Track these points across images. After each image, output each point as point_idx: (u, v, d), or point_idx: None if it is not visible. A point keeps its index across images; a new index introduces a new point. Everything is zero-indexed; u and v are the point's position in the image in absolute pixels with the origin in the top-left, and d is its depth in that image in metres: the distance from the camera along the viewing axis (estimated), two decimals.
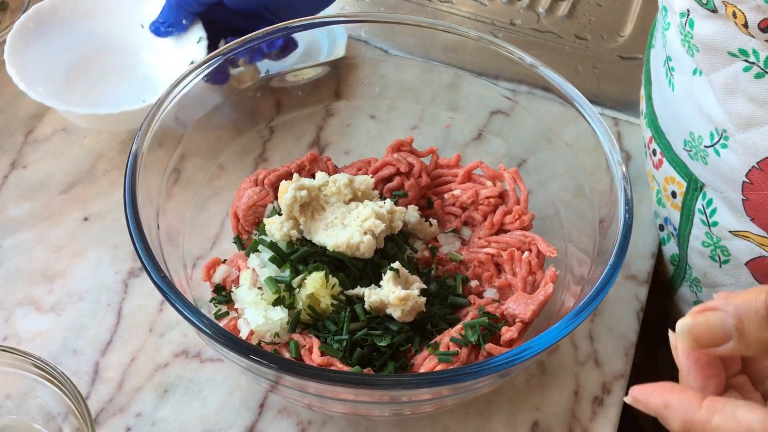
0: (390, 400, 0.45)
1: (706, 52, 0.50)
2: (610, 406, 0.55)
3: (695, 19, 0.50)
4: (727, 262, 0.57)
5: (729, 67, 0.49)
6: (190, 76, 0.55)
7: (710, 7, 0.48)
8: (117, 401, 0.54)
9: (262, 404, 0.54)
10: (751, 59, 0.47)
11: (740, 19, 0.46)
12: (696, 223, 0.58)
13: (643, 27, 0.85)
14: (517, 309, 0.50)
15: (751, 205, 0.53)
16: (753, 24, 0.46)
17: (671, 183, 0.60)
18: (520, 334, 0.49)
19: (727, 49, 0.48)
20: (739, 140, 0.50)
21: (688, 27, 0.51)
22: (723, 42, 0.48)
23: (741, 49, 0.47)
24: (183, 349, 0.56)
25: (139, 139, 0.50)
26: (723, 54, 0.49)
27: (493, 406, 0.54)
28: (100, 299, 0.59)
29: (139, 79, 0.71)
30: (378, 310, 0.49)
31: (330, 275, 0.49)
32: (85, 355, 0.56)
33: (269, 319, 0.48)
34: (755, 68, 0.47)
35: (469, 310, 0.52)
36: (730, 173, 0.52)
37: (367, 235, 0.50)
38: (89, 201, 0.65)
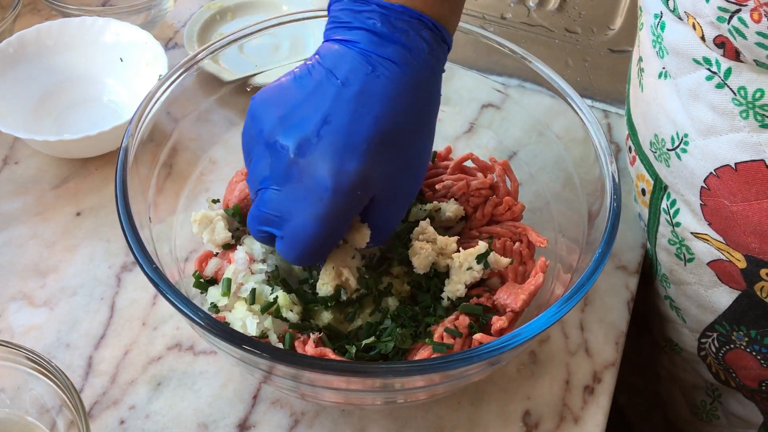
0: (382, 388, 0.45)
1: (674, 55, 0.50)
2: (600, 395, 0.56)
3: (666, 22, 0.51)
4: (692, 260, 0.58)
5: (694, 73, 0.49)
6: (180, 70, 0.55)
7: (677, 14, 0.49)
8: (110, 394, 0.54)
9: (256, 396, 0.54)
10: (714, 69, 0.47)
11: (699, 31, 0.47)
12: (662, 222, 0.59)
13: (633, 20, 0.85)
14: (507, 299, 0.50)
15: (708, 210, 0.53)
16: (709, 39, 0.46)
17: (642, 180, 0.61)
18: (511, 323, 0.50)
19: (692, 55, 0.49)
20: (699, 146, 0.51)
21: (660, 29, 0.52)
22: (689, 48, 0.49)
23: (705, 57, 0.48)
24: (176, 342, 0.57)
25: (129, 134, 0.51)
26: (689, 60, 0.49)
27: (485, 396, 0.55)
28: (93, 293, 0.59)
29: (105, 106, 0.71)
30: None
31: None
32: (79, 348, 0.56)
33: (263, 326, 0.48)
34: (716, 78, 0.47)
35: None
36: (690, 177, 0.53)
37: None
38: (82, 196, 0.65)
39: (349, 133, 0.44)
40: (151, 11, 0.77)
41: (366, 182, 0.44)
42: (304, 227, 0.45)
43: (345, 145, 0.44)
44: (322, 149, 0.44)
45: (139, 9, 0.76)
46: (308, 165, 0.44)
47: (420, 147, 0.48)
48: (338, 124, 0.44)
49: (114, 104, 0.71)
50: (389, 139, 0.44)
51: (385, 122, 0.44)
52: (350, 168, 0.44)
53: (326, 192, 0.44)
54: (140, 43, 0.70)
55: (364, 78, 0.44)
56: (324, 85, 0.45)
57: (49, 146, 0.64)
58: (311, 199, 0.44)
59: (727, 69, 0.46)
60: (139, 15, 0.77)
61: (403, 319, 0.50)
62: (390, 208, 0.48)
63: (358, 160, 0.44)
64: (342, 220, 0.46)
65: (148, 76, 0.69)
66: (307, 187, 0.44)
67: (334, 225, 0.46)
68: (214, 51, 0.58)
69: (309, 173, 0.44)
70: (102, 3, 0.83)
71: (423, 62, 0.45)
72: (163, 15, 0.79)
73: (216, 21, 0.79)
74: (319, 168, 0.44)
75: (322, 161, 0.44)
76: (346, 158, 0.44)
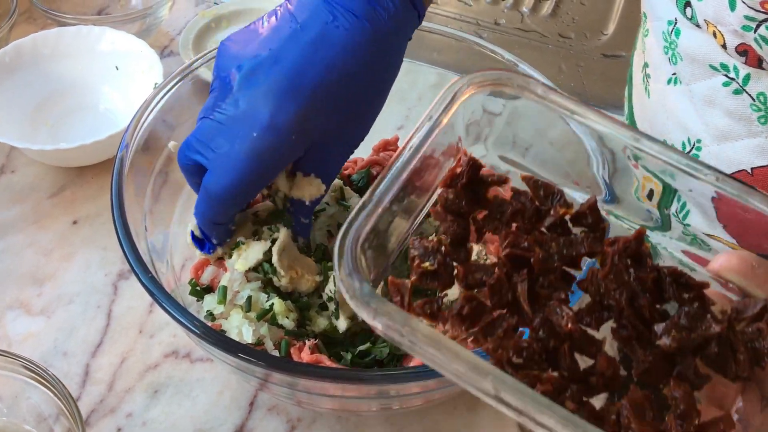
0: (378, 395, 0.45)
1: (689, 62, 0.51)
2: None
3: (682, 29, 0.51)
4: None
5: (709, 79, 0.49)
6: (176, 79, 0.56)
7: (694, 22, 0.49)
8: (107, 402, 0.54)
9: (252, 402, 0.54)
10: (731, 75, 0.48)
11: (720, 39, 0.47)
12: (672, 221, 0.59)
13: (626, 25, 0.86)
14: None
15: (722, 214, 0.53)
16: (731, 46, 0.46)
17: (649, 182, 0.61)
18: None
19: (709, 62, 0.49)
20: (713, 151, 0.51)
21: (674, 35, 0.52)
22: (706, 55, 0.49)
23: (723, 63, 0.48)
24: (173, 349, 0.57)
25: (125, 143, 0.51)
26: (705, 66, 0.49)
27: (481, 401, 0.55)
28: (89, 301, 0.59)
29: (100, 114, 0.72)
30: None
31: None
32: (76, 356, 0.56)
33: (259, 334, 0.48)
34: (734, 84, 0.48)
35: None
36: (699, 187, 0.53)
37: None
38: (78, 204, 0.66)
39: (296, 75, 0.44)
40: (146, 20, 0.78)
41: (303, 127, 0.44)
42: (233, 160, 0.45)
43: (290, 86, 0.44)
44: (267, 86, 0.44)
45: (134, 17, 0.77)
46: (249, 99, 0.44)
47: (368, 105, 0.47)
48: (287, 65, 0.44)
49: (110, 112, 0.72)
50: (336, 89, 0.44)
51: (336, 72, 0.44)
52: (290, 109, 0.44)
53: (261, 129, 0.44)
54: (136, 52, 0.71)
55: (322, 26, 0.44)
56: (283, 26, 0.45)
57: (45, 155, 0.64)
58: (245, 134, 0.44)
59: (746, 75, 0.47)
60: (134, 23, 0.77)
61: None
62: (327, 158, 0.48)
63: (300, 104, 0.44)
64: (272, 161, 0.45)
65: (143, 85, 0.69)
66: (243, 121, 0.44)
67: (262, 164, 0.45)
68: (210, 59, 0.58)
69: (248, 108, 0.44)
70: (98, 12, 0.83)
71: (386, 21, 0.45)
72: (159, 23, 0.80)
73: (211, 29, 0.79)
74: (259, 104, 0.44)
75: (263, 98, 0.44)
76: (287, 99, 0.44)
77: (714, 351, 0.34)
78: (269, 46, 0.45)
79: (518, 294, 0.35)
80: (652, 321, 0.35)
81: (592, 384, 0.34)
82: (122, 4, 0.84)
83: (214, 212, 0.48)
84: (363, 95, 0.47)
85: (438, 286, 0.37)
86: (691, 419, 0.32)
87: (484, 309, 0.35)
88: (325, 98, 0.44)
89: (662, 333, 0.34)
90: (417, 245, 0.37)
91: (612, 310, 0.35)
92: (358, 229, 0.34)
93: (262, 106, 0.44)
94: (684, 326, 0.34)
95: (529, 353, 0.33)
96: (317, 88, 0.44)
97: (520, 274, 0.36)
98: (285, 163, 0.47)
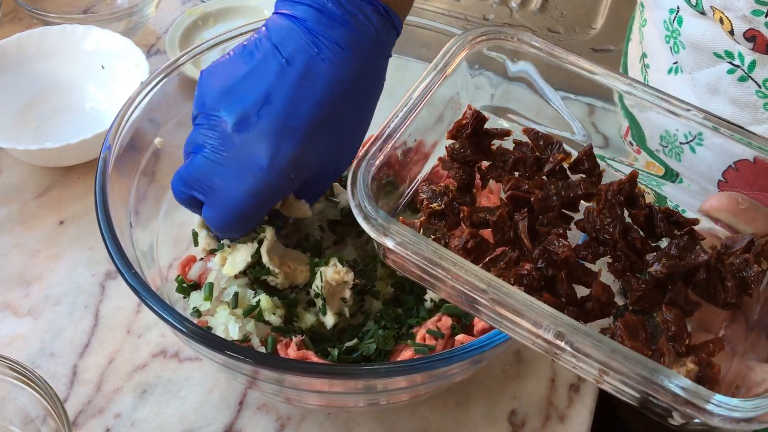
0: (365, 390, 0.45)
1: (692, 50, 0.51)
2: (586, 393, 0.56)
3: (684, 17, 0.51)
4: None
5: (713, 67, 0.49)
6: (161, 75, 0.55)
7: (699, 9, 0.49)
8: (95, 403, 0.54)
9: (242, 401, 0.54)
10: (736, 62, 0.48)
11: (726, 26, 0.47)
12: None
13: (615, 19, 0.86)
14: None
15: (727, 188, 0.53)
16: (738, 32, 0.46)
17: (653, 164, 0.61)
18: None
19: (713, 49, 0.49)
20: (716, 143, 0.51)
21: (677, 24, 0.52)
22: (710, 42, 0.49)
23: (727, 51, 0.48)
24: (161, 349, 0.57)
25: (109, 141, 0.50)
26: (709, 54, 0.49)
27: (471, 396, 0.55)
28: (76, 302, 0.59)
29: (86, 114, 0.71)
30: None
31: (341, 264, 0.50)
32: (63, 357, 0.56)
33: (246, 330, 0.48)
34: (739, 71, 0.48)
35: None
36: (706, 171, 0.53)
37: None
38: (65, 204, 0.65)
39: (287, 116, 0.44)
40: (132, 18, 0.77)
41: (300, 164, 0.45)
42: (234, 200, 0.46)
43: (282, 127, 0.44)
44: (261, 129, 0.44)
45: (120, 16, 0.76)
46: (245, 141, 0.44)
47: (356, 130, 0.48)
48: (278, 105, 0.44)
49: (96, 112, 0.71)
50: (327, 123, 0.45)
51: (325, 108, 0.44)
52: (286, 150, 0.44)
53: (261, 171, 0.44)
54: (121, 50, 0.70)
55: (308, 59, 0.44)
56: (269, 61, 0.45)
57: (31, 155, 0.63)
58: (244, 175, 0.45)
59: (751, 62, 0.47)
60: (120, 22, 0.77)
61: (386, 321, 0.50)
62: (319, 185, 0.50)
63: (294, 144, 0.44)
64: (272, 197, 0.47)
65: (129, 83, 0.69)
66: (241, 163, 0.45)
67: (263, 201, 0.46)
68: (195, 55, 0.58)
69: (245, 150, 0.44)
70: (84, 11, 0.83)
71: (370, 48, 0.45)
72: (145, 21, 0.79)
73: (198, 26, 0.79)
74: (255, 146, 0.44)
75: (259, 140, 0.44)
76: (282, 140, 0.44)
77: (703, 278, 0.37)
78: (258, 86, 0.45)
79: (519, 231, 0.38)
80: (644, 253, 0.38)
81: (588, 309, 0.37)
82: (108, 2, 0.83)
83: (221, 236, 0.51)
84: (352, 121, 0.47)
85: (445, 226, 0.40)
86: (682, 340, 0.34)
87: (488, 245, 0.38)
88: (318, 134, 0.45)
89: (653, 261, 0.36)
90: (426, 189, 0.41)
91: (608, 245, 0.38)
92: (370, 158, 0.38)
93: (259, 150, 0.44)
94: (674, 255, 0.37)
95: (528, 280, 0.36)
96: (309, 126, 0.44)
97: (521, 213, 0.38)
98: (281, 197, 0.48)
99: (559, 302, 0.36)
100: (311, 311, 0.51)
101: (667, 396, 0.31)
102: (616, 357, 0.32)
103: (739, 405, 0.30)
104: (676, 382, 0.31)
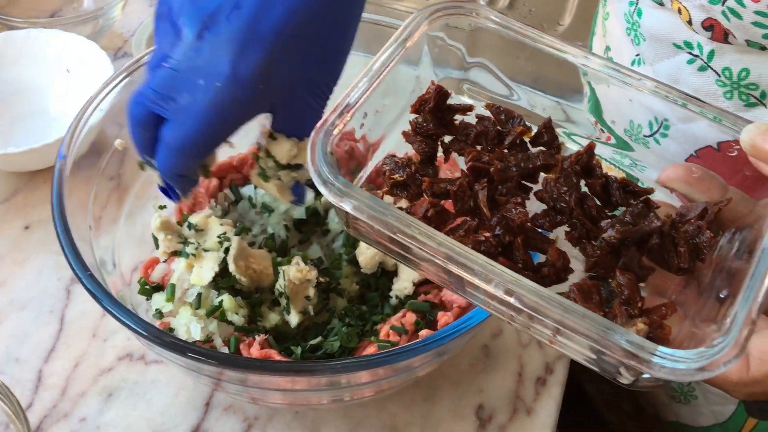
0: (328, 386, 0.45)
1: (652, 41, 0.51)
2: (552, 385, 0.56)
3: (643, 9, 0.51)
4: None
5: (673, 58, 0.50)
6: (122, 75, 0.55)
7: (657, 1, 0.49)
8: (61, 407, 0.53)
9: (208, 403, 0.54)
10: (696, 52, 0.48)
11: (685, 15, 0.47)
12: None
13: (582, 15, 0.86)
14: (454, 295, 0.51)
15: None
16: (697, 22, 0.47)
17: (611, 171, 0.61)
18: (457, 319, 0.50)
19: (672, 40, 0.49)
20: (680, 130, 0.51)
21: (636, 16, 0.52)
22: (669, 33, 0.49)
23: (686, 41, 0.48)
24: (127, 352, 0.56)
25: (63, 150, 0.50)
26: (668, 45, 0.50)
27: (438, 392, 0.55)
28: (42, 306, 0.59)
29: (52, 119, 0.70)
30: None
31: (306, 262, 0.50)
32: (28, 363, 0.56)
33: (208, 330, 0.48)
34: (698, 61, 0.48)
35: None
36: (671, 159, 0.54)
37: None
38: (30, 209, 0.65)
39: (256, 21, 0.41)
40: (98, 20, 0.77)
41: (269, 76, 0.42)
42: (195, 112, 0.42)
43: (251, 34, 0.41)
44: (227, 34, 0.41)
45: (86, 19, 0.76)
46: (210, 49, 0.41)
47: (334, 47, 0.45)
48: (247, 11, 0.41)
49: (62, 116, 0.71)
50: (300, 33, 0.42)
51: (299, 15, 0.42)
52: (253, 58, 0.41)
53: (223, 79, 0.41)
54: (86, 54, 0.70)
55: None
56: None
57: None
58: (207, 86, 0.41)
59: (710, 51, 0.47)
60: (86, 25, 0.76)
61: (350, 319, 0.51)
62: (294, 109, 0.45)
63: (262, 52, 0.41)
64: (236, 112, 0.43)
65: (95, 87, 0.68)
66: (205, 72, 0.41)
67: (226, 115, 0.42)
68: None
69: (209, 57, 0.41)
70: (50, 15, 0.82)
71: None
72: (111, 24, 0.79)
73: None
74: (220, 53, 0.41)
75: (224, 47, 0.41)
76: (249, 47, 0.41)
77: (656, 243, 0.37)
78: None
79: (479, 200, 0.38)
80: (600, 221, 0.39)
81: (544, 274, 0.37)
82: (75, 6, 0.83)
83: (177, 164, 0.45)
84: (328, 37, 0.44)
85: (407, 197, 0.40)
86: (635, 303, 0.35)
87: (448, 215, 0.38)
88: (289, 44, 0.42)
89: (607, 227, 0.37)
90: (389, 161, 0.41)
91: (564, 213, 0.39)
92: (329, 126, 0.38)
93: (224, 55, 0.41)
94: (628, 222, 0.38)
95: (486, 246, 0.36)
96: (280, 33, 0.41)
97: (481, 183, 0.39)
98: (250, 115, 0.44)
99: (515, 267, 0.36)
100: (275, 310, 0.51)
101: (615, 350, 0.31)
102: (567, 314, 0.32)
103: (684, 356, 0.31)
104: (623, 336, 0.31)
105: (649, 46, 0.51)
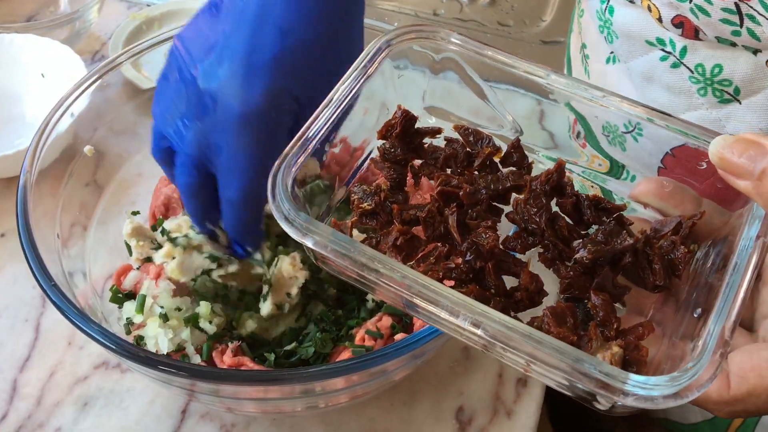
0: (302, 394, 0.45)
1: (625, 39, 0.50)
2: (533, 387, 0.56)
3: (615, 6, 0.51)
4: None
5: (647, 55, 0.49)
6: (94, 77, 0.54)
7: None
8: (35, 417, 0.53)
9: (185, 410, 0.53)
10: (668, 49, 0.48)
11: (655, 13, 0.47)
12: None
13: (564, 12, 0.86)
14: None
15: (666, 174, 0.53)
16: (667, 19, 0.46)
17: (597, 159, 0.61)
18: None
19: (645, 37, 0.49)
20: (653, 130, 0.51)
21: (608, 14, 0.52)
22: (641, 30, 0.49)
23: (658, 38, 0.48)
24: (102, 360, 0.56)
25: (26, 165, 0.49)
26: (641, 42, 0.49)
27: (417, 395, 0.55)
28: (17, 315, 0.58)
29: (27, 125, 0.69)
30: None
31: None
32: (3, 372, 0.55)
33: (180, 339, 0.48)
34: (672, 58, 0.48)
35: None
36: (647, 158, 0.53)
37: None
38: (5, 217, 0.64)
39: (250, 53, 0.40)
40: (75, 23, 0.76)
41: (281, 99, 0.41)
42: (236, 159, 0.41)
43: (247, 67, 0.40)
44: (224, 75, 0.40)
45: (62, 22, 0.75)
46: (217, 93, 0.40)
47: (345, 52, 0.43)
48: (237, 45, 0.40)
49: (37, 121, 0.69)
50: (302, 51, 0.41)
51: (294, 35, 0.40)
52: (257, 90, 0.40)
53: (238, 119, 0.40)
54: (61, 58, 0.69)
55: None
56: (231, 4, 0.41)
57: None
58: (230, 130, 0.41)
59: (682, 48, 0.47)
60: (63, 29, 0.75)
61: (326, 324, 0.50)
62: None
63: (265, 80, 0.40)
64: (271, 140, 0.41)
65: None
66: (221, 118, 0.41)
67: (264, 149, 0.41)
68: (133, 56, 0.57)
69: (219, 102, 0.40)
70: (27, 19, 0.81)
71: None
72: (88, 27, 0.78)
73: (143, 31, 0.78)
74: (226, 95, 0.40)
75: (226, 87, 0.40)
76: (249, 80, 0.40)
77: (629, 261, 0.37)
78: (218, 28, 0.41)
79: (450, 226, 0.38)
80: (572, 241, 0.38)
81: (517, 299, 0.37)
82: (51, 10, 0.82)
83: (247, 217, 0.44)
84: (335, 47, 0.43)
85: (377, 225, 0.40)
86: (610, 324, 0.35)
87: (419, 242, 0.38)
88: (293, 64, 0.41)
89: (579, 248, 0.37)
90: (357, 189, 0.40)
91: (536, 235, 0.38)
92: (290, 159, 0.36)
93: (229, 97, 0.40)
94: (600, 241, 0.37)
95: (457, 273, 0.36)
96: (278, 57, 0.40)
97: (451, 208, 0.38)
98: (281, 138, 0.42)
99: (487, 293, 0.36)
100: (254, 317, 0.50)
101: (587, 381, 0.31)
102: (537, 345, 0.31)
103: (656, 383, 0.30)
104: (594, 366, 0.31)
105: (623, 44, 0.51)
